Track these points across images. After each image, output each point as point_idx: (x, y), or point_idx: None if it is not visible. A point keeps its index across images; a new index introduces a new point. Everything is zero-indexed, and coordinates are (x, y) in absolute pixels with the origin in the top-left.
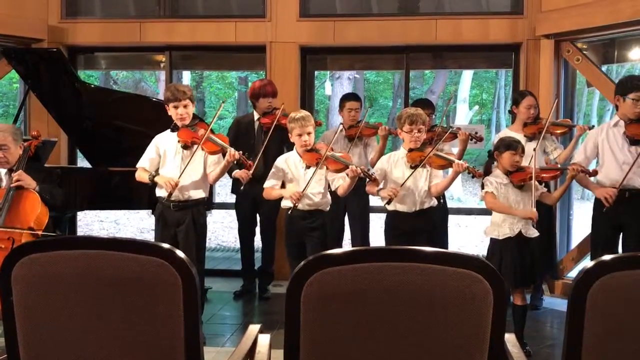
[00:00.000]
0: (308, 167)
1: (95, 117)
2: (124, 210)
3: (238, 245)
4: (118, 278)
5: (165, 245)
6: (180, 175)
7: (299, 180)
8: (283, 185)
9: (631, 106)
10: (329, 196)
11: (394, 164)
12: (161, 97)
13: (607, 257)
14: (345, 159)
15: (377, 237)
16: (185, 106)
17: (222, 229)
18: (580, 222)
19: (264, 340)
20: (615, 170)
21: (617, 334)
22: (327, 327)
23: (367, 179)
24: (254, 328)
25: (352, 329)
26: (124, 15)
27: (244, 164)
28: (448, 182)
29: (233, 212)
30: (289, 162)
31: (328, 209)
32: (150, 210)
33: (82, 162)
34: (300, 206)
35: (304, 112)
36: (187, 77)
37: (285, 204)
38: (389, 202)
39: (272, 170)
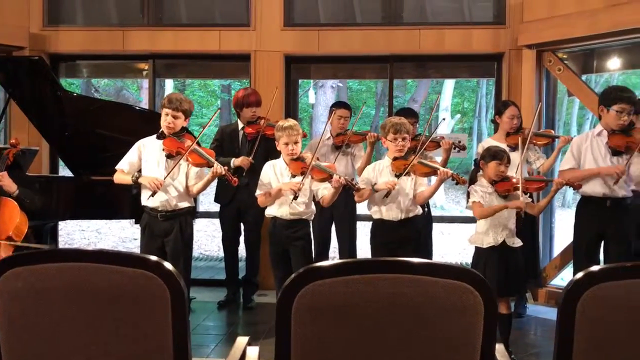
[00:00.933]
0: (294, 176)
1: (78, 126)
2: (106, 220)
3: (221, 254)
4: (105, 291)
5: (153, 258)
6: (165, 178)
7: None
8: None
9: (615, 117)
10: (313, 206)
11: (380, 173)
12: (144, 105)
13: (595, 268)
14: (330, 169)
15: (363, 245)
16: (174, 116)
17: (205, 238)
18: (562, 230)
19: (253, 352)
20: (598, 180)
21: (606, 344)
22: (318, 340)
23: (352, 190)
24: (242, 340)
25: (343, 342)
26: (106, 23)
27: (229, 180)
28: (433, 189)
29: (216, 221)
30: (276, 169)
31: (312, 218)
32: (134, 220)
33: (64, 171)
34: (284, 215)
35: (292, 121)
36: (169, 85)
37: (270, 212)
38: (386, 195)
39: (260, 178)
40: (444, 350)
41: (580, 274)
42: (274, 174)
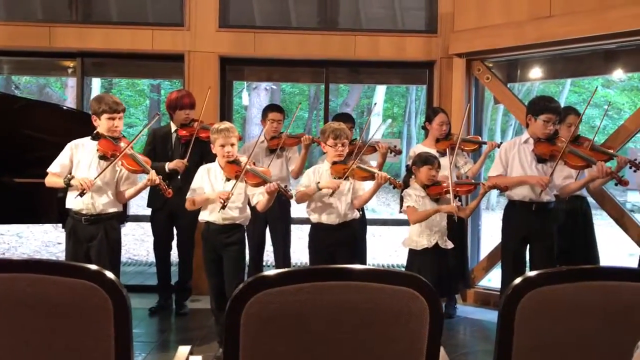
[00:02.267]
0: (228, 179)
1: None
2: (31, 223)
3: (151, 259)
4: (42, 304)
5: (93, 267)
6: (96, 178)
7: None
8: None
9: (541, 126)
10: (248, 211)
11: (319, 177)
12: (69, 104)
13: (532, 273)
14: (265, 175)
15: (296, 248)
16: (120, 119)
17: (134, 242)
18: (488, 232)
19: None
20: (524, 186)
21: (544, 346)
22: (268, 349)
23: (285, 197)
24: (184, 350)
25: (292, 350)
26: (31, 18)
27: (163, 192)
28: (370, 193)
29: (144, 225)
30: (210, 173)
31: (247, 224)
32: (61, 224)
33: None
34: (217, 220)
35: (228, 124)
36: (96, 84)
37: (203, 217)
38: (332, 194)
39: (193, 182)
40: (391, 355)
41: (519, 279)
42: (208, 178)
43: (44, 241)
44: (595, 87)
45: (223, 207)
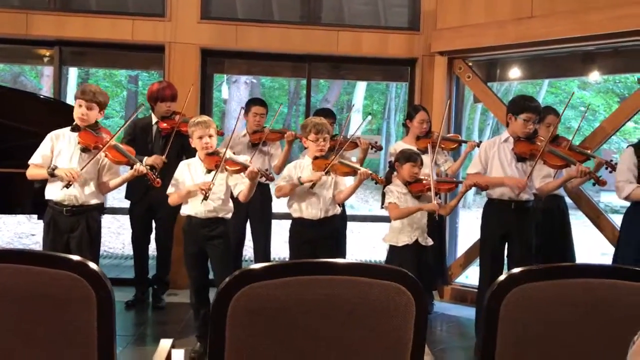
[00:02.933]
0: (209, 171)
1: None
2: (5, 214)
3: (127, 252)
4: (25, 294)
5: (76, 258)
6: (82, 169)
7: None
8: None
9: (521, 126)
10: (230, 204)
11: (301, 172)
12: (44, 93)
13: (516, 270)
14: (245, 162)
15: (277, 242)
16: (89, 108)
17: (109, 235)
18: (464, 230)
19: (178, 356)
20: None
21: (528, 342)
22: (254, 342)
23: (265, 179)
24: (166, 343)
25: (278, 344)
26: (7, 4)
27: (151, 181)
28: (352, 189)
29: (120, 217)
30: (191, 168)
31: (229, 216)
32: (36, 216)
33: None
34: (199, 214)
35: (206, 117)
36: (73, 73)
37: (185, 210)
38: (312, 187)
39: (174, 176)
40: (377, 349)
41: (503, 276)
42: (189, 172)
43: (17, 232)
44: (572, 92)
45: (205, 197)
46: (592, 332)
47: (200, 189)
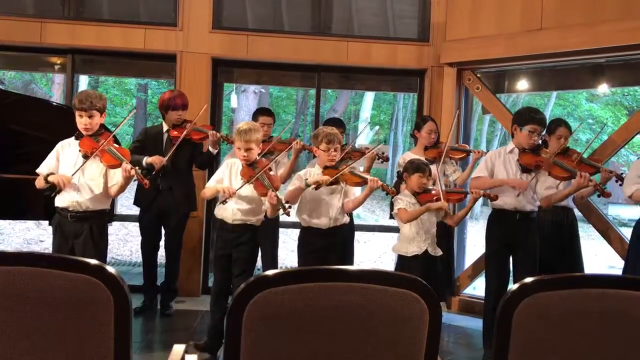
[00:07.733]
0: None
1: None
2: (18, 220)
3: (135, 259)
4: (43, 297)
5: (93, 261)
6: (73, 175)
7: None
8: None
9: (526, 137)
10: (261, 214)
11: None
12: (55, 100)
13: (528, 280)
14: (274, 183)
15: (281, 251)
16: (90, 116)
17: (117, 242)
18: (472, 241)
19: None
20: (509, 195)
21: (540, 352)
22: (269, 348)
23: (282, 210)
24: (178, 348)
25: (293, 349)
26: (23, 13)
27: (139, 181)
28: (362, 198)
29: (129, 224)
30: (233, 168)
31: (259, 224)
32: (48, 222)
33: None
34: (227, 219)
35: (250, 124)
36: (83, 81)
37: (218, 214)
38: (316, 187)
39: (216, 173)
40: (390, 357)
41: (515, 286)
42: (229, 172)
43: (25, 238)
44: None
45: (224, 201)
46: (605, 343)
47: (223, 191)
